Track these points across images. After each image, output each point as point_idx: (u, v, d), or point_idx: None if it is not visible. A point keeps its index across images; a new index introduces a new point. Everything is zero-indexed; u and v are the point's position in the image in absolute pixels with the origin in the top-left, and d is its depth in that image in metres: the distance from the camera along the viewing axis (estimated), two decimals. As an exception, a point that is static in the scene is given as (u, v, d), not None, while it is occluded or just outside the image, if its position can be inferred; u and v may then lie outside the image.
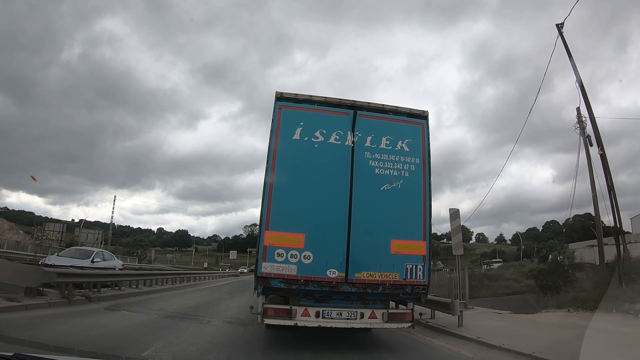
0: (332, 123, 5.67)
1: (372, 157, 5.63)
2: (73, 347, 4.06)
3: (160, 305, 9.74)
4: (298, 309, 5.30)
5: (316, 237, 5.25)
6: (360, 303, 5.54)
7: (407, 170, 5.69)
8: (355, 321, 5.42)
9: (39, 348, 3.86)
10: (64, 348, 4.03)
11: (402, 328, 5.97)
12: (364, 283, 5.24)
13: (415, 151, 5.80)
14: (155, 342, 5.28)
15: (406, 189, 5.61)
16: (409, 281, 5.36)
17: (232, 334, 6.66)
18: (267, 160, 5.44)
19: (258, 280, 5.18)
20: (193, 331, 6.49)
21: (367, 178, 5.53)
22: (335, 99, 5.85)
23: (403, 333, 6.97)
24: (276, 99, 5.66)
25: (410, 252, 5.43)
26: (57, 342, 4.43)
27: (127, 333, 5.99)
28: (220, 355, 4.99)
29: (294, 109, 5.67)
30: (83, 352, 3.91)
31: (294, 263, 5.14)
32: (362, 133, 5.70)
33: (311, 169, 5.49)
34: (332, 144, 5.59)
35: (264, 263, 5.13)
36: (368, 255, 5.32)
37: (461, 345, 6.44)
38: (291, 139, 5.52)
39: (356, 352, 5.69)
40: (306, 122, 5.62)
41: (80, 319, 6.97)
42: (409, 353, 6.07)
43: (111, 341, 5.20)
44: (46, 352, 3.44)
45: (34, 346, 4.00)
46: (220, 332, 6.76)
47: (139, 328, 6.53)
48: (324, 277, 5.17)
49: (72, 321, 6.60)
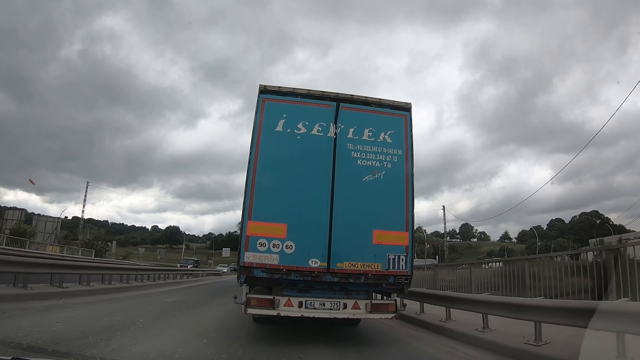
0: (315, 115, 5.73)
1: (354, 149, 5.67)
2: (71, 351, 3.99)
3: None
4: (281, 299, 5.35)
5: (298, 227, 5.29)
6: (343, 294, 5.56)
7: (389, 161, 5.72)
8: (338, 311, 5.45)
9: (36, 352, 3.85)
10: (61, 352, 3.97)
11: (386, 318, 5.99)
12: (345, 273, 5.28)
13: (398, 143, 5.82)
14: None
15: (388, 180, 5.64)
16: (392, 271, 5.38)
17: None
18: (249, 151, 5.50)
19: (241, 269, 5.23)
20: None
21: (349, 169, 5.57)
22: (318, 91, 5.90)
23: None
24: (260, 91, 5.73)
25: (393, 242, 5.45)
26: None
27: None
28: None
29: (277, 102, 5.73)
30: (80, 355, 3.89)
31: (276, 253, 5.19)
32: (345, 125, 5.74)
33: (293, 160, 5.54)
34: (314, 135, 5.64)
35: (247, 253, 5.18)
36: (350, 245, 5.35)
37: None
38: (274, 130, 5.58)
39: (345, 345, 5.72)
40: (289, 114, 5.67)
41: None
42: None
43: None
44: (44, 356, 3.43)
45: (30, 349, 3.94)
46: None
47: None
48: (305, 266, 5.21)
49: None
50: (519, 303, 5.69)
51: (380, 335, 6.82)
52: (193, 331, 5.94)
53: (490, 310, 6.22)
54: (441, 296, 7.97)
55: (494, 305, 6.19)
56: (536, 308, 5.21)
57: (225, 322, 7.14)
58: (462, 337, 6.35)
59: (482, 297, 6.88)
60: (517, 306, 5.64)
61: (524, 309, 5.46)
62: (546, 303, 5.25)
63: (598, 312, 4.03)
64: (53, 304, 7.47)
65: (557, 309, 4.90)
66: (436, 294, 8.41)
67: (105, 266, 14.14)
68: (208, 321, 7.18)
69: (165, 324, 6.52)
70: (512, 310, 5.70)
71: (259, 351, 4.95)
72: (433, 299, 8.15)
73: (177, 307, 8.96)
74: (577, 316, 4.38)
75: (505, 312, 5.85)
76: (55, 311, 6.62)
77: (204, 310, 9.16)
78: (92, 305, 8.01)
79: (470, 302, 6.84)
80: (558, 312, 4.82)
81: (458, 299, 7.35)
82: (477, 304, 6.57)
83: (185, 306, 9.41)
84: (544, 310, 5.07)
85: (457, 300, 7.33)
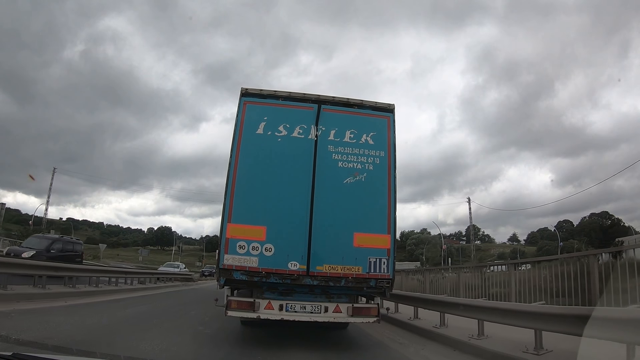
0: (296, 117, 5.72)
1: (335, 151, 5.64)
2: (72, 347, 4.00)
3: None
4: (262, 301, 5.32)
5: (278, 230, 5.28)
6: (324, 297, 5.51)
7: (371, 163, 5.67)
8: (319, 315, 5.39)
9: (37, 347, 3.80)
10: (62, 347, 3.97)
11: (368, 322, 5.90)
12: (325, 276, 5.23)
13: (381, 144, 5.77)
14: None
15: (370, 182, 5.59)
16: (373, 275, 5.32)
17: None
18: (230, 154, 5.52)
19: (220, 272, 5.23)
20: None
21: (329, 171, 5.54)
22: (299, 93, 5.90)
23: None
24: (241, 94, 5.75)
25: (374, 245, 5.39)
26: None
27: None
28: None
29: (258, 104, 5.75)
30: (81, 351, 3.88)
31: (256, 255, 5.18)
32: (326, 127, 5.72)
33: (274, 163, 5.53)
34: (295, 137, 5.63)
35: (226, 255, 5.18)
36: (330, 248, 5.31)
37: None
38: (255, 133, 5.59)
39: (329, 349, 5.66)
40: (270, 116, 5.68)
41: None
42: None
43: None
44: (45, 352, 3.41)
45: (32, 345, 3.94)
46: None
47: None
48: (285, 269, 5.18)
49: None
50: (514, 309, 5.40)
51: (365, 339, 6.73)
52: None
53: (482, 315, 5.84)
54: (431, 300, 7.83)
55: (486, 311, 5.87)
56: (532, 314, 4.83)
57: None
58: (454, 343, 6.01)
59: (475, 301, 6.62)
60: (511, 312, 5.32)
61: (520, 315, 5.09)
62: (544, 309, 4.82)
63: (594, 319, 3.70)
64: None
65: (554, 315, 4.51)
66: (426, 298, 8.26)
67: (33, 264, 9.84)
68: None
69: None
70: (505, 316, 5.34)
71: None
72: (423, 303, 8.00)
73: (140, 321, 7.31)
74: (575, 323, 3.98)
75: (498, 318, 5.50)
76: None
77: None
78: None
79: (457, 307, 6.64)
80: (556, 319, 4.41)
81: (448, 303, 7.19)
82: (469, 309, 6.26)
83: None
84: (540, 317, 4.67)
85: (447, 304, 7.15)
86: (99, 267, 18.39)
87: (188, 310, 9.41)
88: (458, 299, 7.74)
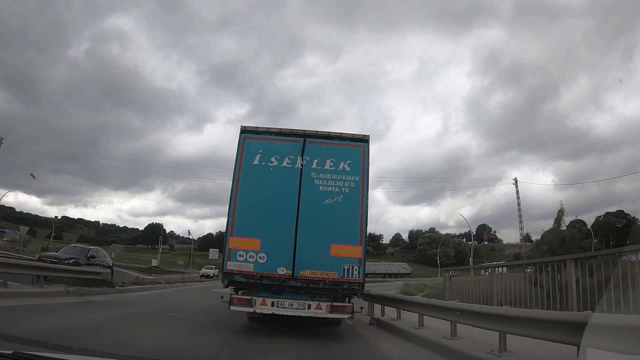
0: (285, 150, 7.01)
1: (317, 177, 6.88)
2: (72, 345, 4.03)
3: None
4: (257, 299, 6.66)
5: (269, 242, 6.60)
6: (308, 296, 6.76)
7: (347, 187, 6.87)
8: (303, 310, 6.66)
9: (37, 346, 3.82)
10: (62, 346, 4.01)
11: (343, 318, 7.10)
12: (307, 279, 6.51)
13: (356, 170, 6.96)
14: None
15: (346, 202, 6.80)
16: (346, 279, 6.53)
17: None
18: (232, 180, 6.89)
19: (224, 275, 6.62)
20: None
21: (312, 194, 6.80)
22: (288, 129, 7.21)
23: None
24: (241, 131, 7.10)
25: (347, 255, 6.60)
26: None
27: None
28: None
29: (255, 140, 7.08)
30: (82, 349, 3.91)
31: (252, 262, 6.53)
32: (310, 157, 6.97)
33: (267, 188, 6.85)
34: (284, 167, 6.92)
35: (229, 262, 6.56)
36: (311, 256, 6.56)
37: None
38: (252, 164, 6.93)
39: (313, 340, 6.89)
40: (264, 150, 7.00)
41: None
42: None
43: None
44: (45, 350, 3.43)
45: (31, 344, 3.96)
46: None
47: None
48: (274, 273, 6.50)
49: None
50: (482, 312, 5.54)
51: (347, 336, 7.79)
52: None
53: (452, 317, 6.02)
54: (393, 299, 8.98)
55: (446, 311, 6.25)
56: (500, 317, 5.02)
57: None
58: (427, 343, 6.32)
59: (445, 303, 7.01)
60: (479, 314, 5.52)
61: (486, 317, 5.32)
62: (510, 312, 5.04)
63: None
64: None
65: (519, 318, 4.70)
66: (390, 296, 9.41)
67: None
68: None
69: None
70: (473, 318, 5.55)
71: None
72: (388, 302, 9.12)
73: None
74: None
75: (468, 320, 5.71)
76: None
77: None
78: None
79: (420, 306, 7.54)
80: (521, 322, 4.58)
81: (407, 302, 8.19)
82: (441, 310, 6.51)
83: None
84: (507, 319, 4.87)
85: (407, 303, 8.14)
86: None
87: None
88: (430, 300, 8.86)
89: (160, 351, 5.01)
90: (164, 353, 4.92)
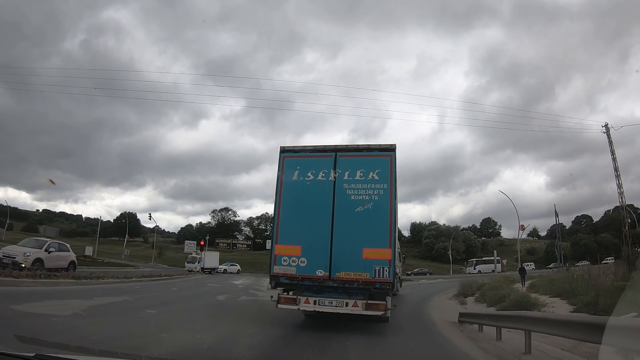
0: (319, 165, 7.87)
1: (349, 187, 7.65)
2: (94, 347, 4.16)
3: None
4: (301, 298, 7.57)
5: (309, 248, 7.48)
6: (345, 295, 7.52)
7: (376, 194, 7.53)
8: (341, 308, 7.45)
9: (59, 348, 3.90)
10: (84, 348, 4.10)
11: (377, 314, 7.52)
12: (342, 280, 7.29)
13: (384, 178, 7.59)
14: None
15: (376, 209, 7.47)
16: (377, 279, 7.19)
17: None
18: (275, 195, 7.88)
19: (271, 277, 7.59)
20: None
21: (345, 203, 7.58)
22: (321, 146, 8.10)
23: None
24: (280, 151, 8.10)
25: (378, 257, 7.27)
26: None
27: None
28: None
29: (292, 158, 8.02)
30: (103, 351, 4.02)
31: (294, 266, 7.43)
32: (342, 169, 7.78)
33: (305, 200, 7.74)
34: (319, 180, 7.78)
35: (275, 266, 7.50)
36: (345, 259, 7.32)
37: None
38: (291, 180, 7.86)
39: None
40: (301, 166, 7.91)
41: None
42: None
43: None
44: (67, 352, 3.51)
45: (53, 346, 4.03)
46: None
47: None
48: (314, 275, 7.37)
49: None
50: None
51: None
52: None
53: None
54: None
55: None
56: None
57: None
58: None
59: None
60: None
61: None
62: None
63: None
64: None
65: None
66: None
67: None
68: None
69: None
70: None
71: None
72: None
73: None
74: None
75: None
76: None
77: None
78: None
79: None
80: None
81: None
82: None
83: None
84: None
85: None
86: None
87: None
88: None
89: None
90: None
